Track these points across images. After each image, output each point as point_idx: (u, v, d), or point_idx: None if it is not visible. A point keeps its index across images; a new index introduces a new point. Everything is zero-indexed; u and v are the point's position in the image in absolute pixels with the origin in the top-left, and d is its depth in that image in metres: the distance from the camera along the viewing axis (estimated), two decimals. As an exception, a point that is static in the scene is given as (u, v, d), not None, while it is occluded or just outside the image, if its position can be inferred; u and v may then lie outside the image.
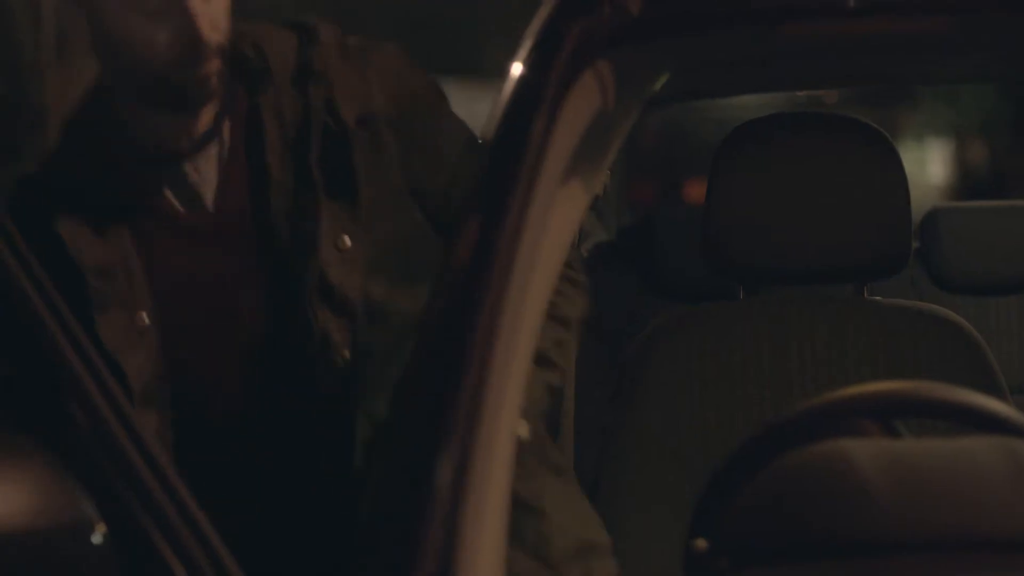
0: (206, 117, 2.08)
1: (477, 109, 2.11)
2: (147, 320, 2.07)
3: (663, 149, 9.96)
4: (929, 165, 14.31)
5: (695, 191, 10.18)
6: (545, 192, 1.46)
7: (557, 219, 1.51)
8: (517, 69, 1.57)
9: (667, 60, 1.74)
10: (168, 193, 2.12)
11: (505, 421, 1.33)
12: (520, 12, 1.76)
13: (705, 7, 1.66)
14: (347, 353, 2.09)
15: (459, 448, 1.26)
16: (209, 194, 2.12)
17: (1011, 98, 11.75)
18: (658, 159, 10.07)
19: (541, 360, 2.03)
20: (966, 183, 13.32)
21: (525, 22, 1.62)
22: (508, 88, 1.56)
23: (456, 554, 1.22)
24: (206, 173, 2.11)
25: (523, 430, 1.81)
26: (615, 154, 1.80)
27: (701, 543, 1.64)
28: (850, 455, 1.43)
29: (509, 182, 1.44)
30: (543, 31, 1.60)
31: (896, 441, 1.61)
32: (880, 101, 13.82)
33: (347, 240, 2.09)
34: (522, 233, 1.41)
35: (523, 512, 1.94)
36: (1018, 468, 1.43)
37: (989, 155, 13.33)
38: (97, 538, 1.29)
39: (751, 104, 4.25)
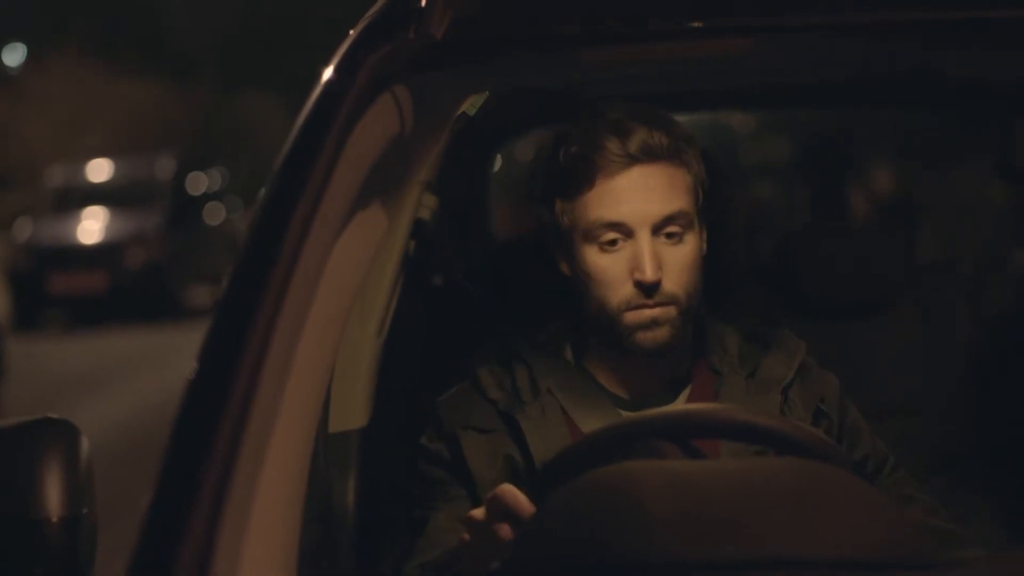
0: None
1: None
2: None
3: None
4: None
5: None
6: (333, 212, 1.46)
7: (352, 238, 1.51)
8: (315, 93, 1.57)
9: (471, 84, 1.75)
10: None
11: (280, 428, 1.34)
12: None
13: (509, 31, 1.66)
14: None
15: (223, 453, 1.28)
16: None
17: (921, 126, 11.90)
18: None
19: None
20: (876, 209, 13.45)
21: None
22: (303, 112, 1.56)
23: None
24: None
25: None
26: (428, 177, 1.80)
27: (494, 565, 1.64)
28: (634, 477, 1.43)
29: (293, 200, 1.44)
30: (343, 56, 1.60)
31: (683, 462, 1.61)
32: (792, 128, 13.96)
33: None
34: (302, 251, 1.41)
35: None
36: (804, 490, 1.43)
37: (898, 182, 13.46)
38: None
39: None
